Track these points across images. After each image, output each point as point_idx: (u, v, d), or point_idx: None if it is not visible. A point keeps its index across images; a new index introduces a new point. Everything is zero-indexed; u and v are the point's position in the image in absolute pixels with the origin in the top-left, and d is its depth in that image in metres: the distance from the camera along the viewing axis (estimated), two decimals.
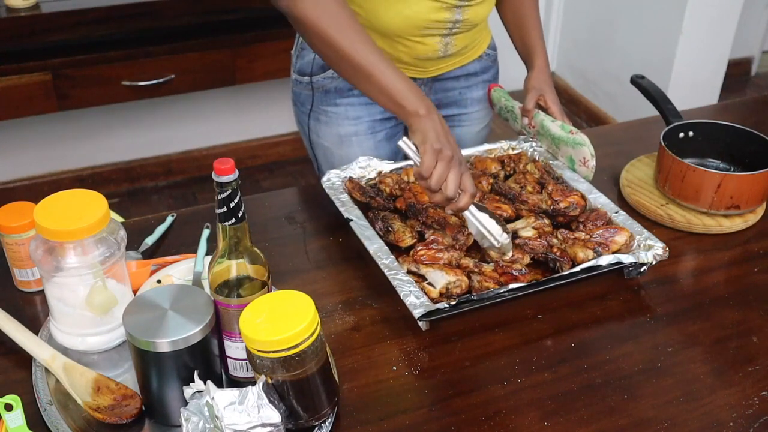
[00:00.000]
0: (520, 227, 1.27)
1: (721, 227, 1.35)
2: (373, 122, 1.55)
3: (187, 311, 0.92)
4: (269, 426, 0.87)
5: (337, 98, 1.51)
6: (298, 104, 1.59)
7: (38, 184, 2.97)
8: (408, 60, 1.47)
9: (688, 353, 1.09)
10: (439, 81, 1.57)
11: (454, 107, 1.62)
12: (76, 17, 2.47)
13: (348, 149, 1.55)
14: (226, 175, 0.87)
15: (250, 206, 1.10)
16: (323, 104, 1.53)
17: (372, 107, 1.53)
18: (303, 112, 1.58)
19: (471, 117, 1.65)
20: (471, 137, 1.66)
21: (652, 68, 2.97)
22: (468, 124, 1.65)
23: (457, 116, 1.63)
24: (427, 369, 1.05)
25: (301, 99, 1.56)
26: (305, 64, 1.52)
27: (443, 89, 1.58)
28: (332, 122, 1.54)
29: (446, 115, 1.62)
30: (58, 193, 1.02)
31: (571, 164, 1.42)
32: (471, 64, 1.58)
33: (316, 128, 1.57)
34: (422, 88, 1.54)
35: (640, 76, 1.56)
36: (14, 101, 2.50)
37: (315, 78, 1.51)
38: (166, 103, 2.99)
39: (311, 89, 1.53)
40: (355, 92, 1.51)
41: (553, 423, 0.97)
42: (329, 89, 1.51)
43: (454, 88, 1.59)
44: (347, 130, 1.54)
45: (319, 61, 1.49)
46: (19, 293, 1.18)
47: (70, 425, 0.94)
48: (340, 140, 1.55)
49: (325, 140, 1.57)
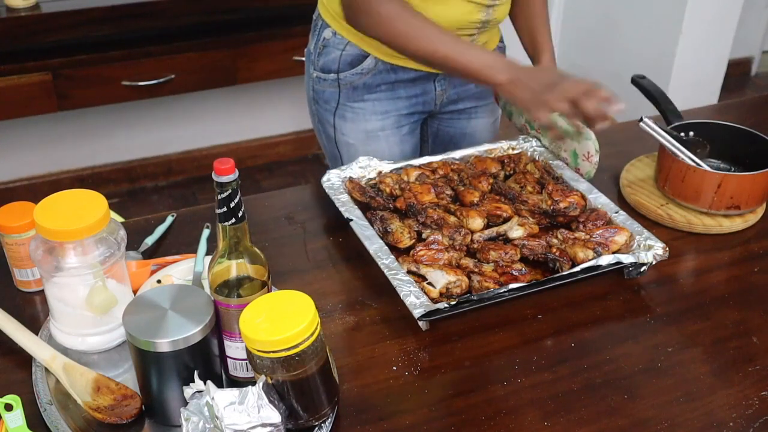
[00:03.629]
0: (506, 229, 1.26)
1: (721, 227, 1.35)
2: (399, 116, 1.56)
3: (187, 311, 0.92)
4: (269, 426, 0.87)
5: (365, 94, 1.52)
6: (321, 102, 1.58)
7: (38, 184, 2.97)
8: None
9: (688, 353, 1.09)
10: None
11: (472, 100, 1.65)
12: (76, 17, 2.47)
13: (375, 144, 1.56)
14: (226, 175, 0.87)
15: (250, 206, 1.10)
16: (350, 101, 1.54)
17: (398, 102, 1.55)
18: (327, 110, 1.58)
19: (486, 109, 1.68)
20: (485, 128, 1.70)
21: (652, 68, 2.96)
22: (484, 116, 1.68)
23: (473, 108, 1.66)
24: (427, 369, 1.05)
25: (325, 97, 1.56)
26: (330, 61, 1.52)
27: (462, 83, 1.60)
28: (359, 118, 1.55)
29: (464, 108, 1.65)
30: (58, 193, 1.02)
31: (575, 159, 1.42)
32: None
33: (341, 126, 1.57)
34: (443, 81, 1.57)
35: (641, 75, 1.56)
36: (14, 101, 2.50)
37: (342, 75, 1.51)
38: (166, 103, 2.99)
39: (338, 86, 1.53)
40: (383, 87, 1.53)
41: (553, 423, 0.97)
42: (357, 85, 1.52)
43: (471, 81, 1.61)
44: (374, 125, 1.55)
45: (346, 57, 1.50)
46: (19, 293, 1.18)
47: (70, 425, 0.94)
48: (366, 136, 1.56)
49: (350, 137, 1.57)
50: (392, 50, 1.44)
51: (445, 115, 1.66)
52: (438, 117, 1.67)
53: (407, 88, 1.55)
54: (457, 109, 1.65)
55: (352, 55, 1.50)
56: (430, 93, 1.58)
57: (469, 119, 1.67)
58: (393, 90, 1.54)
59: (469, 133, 1.69)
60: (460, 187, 1.38)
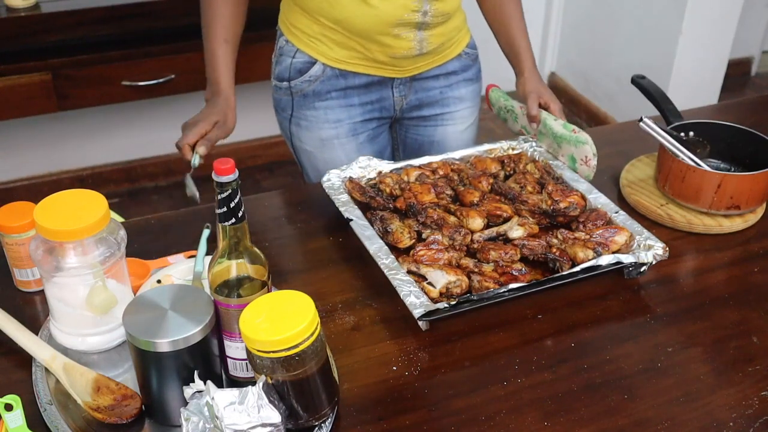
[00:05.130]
0: (506, 229, 1.26)
1: (721, 227, 1.35)
2: (354, 124, 1.55)
3: (187, 311, 0.92)
4: (269, 426, 0.87)
5: (315, 102, 1.52)
6: (279, 110, 1.59)
7: (38, 184, 2.97)
8: (384, 59, 1.47)
9: (688, 353, 1.09)
10: (419, 80, 1.56)
11: (436, 107, 1.62)
12: (76, 17, 2.47)
13: (331, 152, 1.55)
14: (226, 175, 0.87)
15: (250, 206, 1.10)
16: (303, 108, 1.53)
17: (352, 110, 1.53)
18: (284, 118, 1.58)
19: (454, 116, 1.64)
20: (456, 136, 1.66)
21: (652, 68, 2.97)
22: (452, 123, 1.65)
23: (440, 116, 1.63)
24: (427, 369, 1.05)
25: (281, 105, 1.57)
26: (283, 69, 1.53)
27: (423, 89, 1.58)
28: (313, 126, 1.54)
29: (429, 114, 1.62)
30: (58, 193, 1.02)
31: (573, 163, 1.42)
32: (450, 62, 1.58)
33: (297, 133, 1.58)
34: (401, 87, 1.55)
35: (641, 76, 1.56)
36: (14, 101, 2.50)
37: (293, 82, 1.52)
38: (166, 103, 2.98)
39: (290, 94, 1.53)
40: (333, 95, 1.51)
41: (553, 423, 0.97)
42: (307, 93, 1.51)
43: (434, 87, 1.59)
44: (328, 133, 1.54)
45: (296, 65, 1.50)
46: (19, 293, 1.18)
47: (70, 425, 0.94)
48: (322, 144, 1.55)
49: (307, 145, 1.57)
50: (338, 55, 1.46)
51: (411, 121, 1.63)
52: (404, 124, 1.65)
53: (360, 94, 1.53)
54: (422, 115, 1.62)
55: (302, 62, 1.50)
56: (387, 99, 1.56)
57: (436, 127, 1.64)
58: (345, 97, 1.52)
59: (438, 141, 1.65)
60: (460, 187, 1.38)
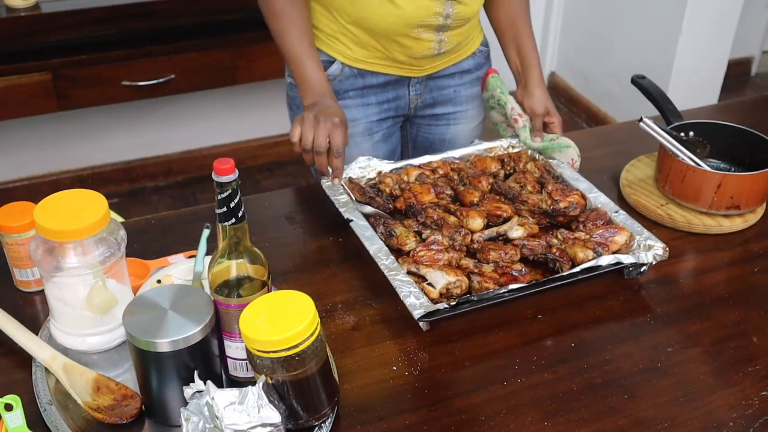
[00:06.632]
0: (506, 229, 1.26)
1: (721, 227, 1.35)
2: (370, 123, 1.55)
3: (187, 311, 0.92)
4: (269, 426, 0.87)
5: None
6: (294, 107, 1.59)
7: (38, 184, 2.97)
8: (403, 59, 1.48)
9: (688, 353, 1.09)
10: (434, 79, 1.57)
11: (449, 105, 1.62)
12: (76, 17, 2.47)
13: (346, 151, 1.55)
14: (226, 175, 0.87)
15: (250, 206, 1.10)
16: None
17: (368, 108, 1.54)
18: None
19: (466, 114, 1.65)
20: (465, 135, 1.67)
21: (652, 68, 2.97)
22: (463, 121, 1.66)
23: (452, 114, 1.64)
24: (427, 369, 1.05)
25: (297, 102, 1.56)
26: None
27: (438, 87, 1.59)
28: None
29: (441, 113, 1.63)
30: (58, 193, 1.02)
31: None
32: (465, 61, 1.59)
33: None
34: (417, 86, 1.56)
35: (641, 76, 1.56)
36: (14, 101, 2.50)
37: None
38: (166, 103, 2.98)
39: None
40: (351, 94, 1.52)
41: (553, 423, 0.97)
42: None
43: (449, 86, 1.60)
44: None
45: None
46: (19, 293, 1.18)
47: (70, 425, 0.94)
48: None
49: None
50: (357, 55, 1.46)
51: (423, 120, 1.64)
52: (416, 122, 1.66)
53: (378, 93, 1.54)
54: (434, 114, 1.63)
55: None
56: (403, 98, 1.57)
57: (448, 125, 1.65)
58: (362, 96, 1.53)
59: (449, 139, 1.66)
60: (460, 186, 1.38)
